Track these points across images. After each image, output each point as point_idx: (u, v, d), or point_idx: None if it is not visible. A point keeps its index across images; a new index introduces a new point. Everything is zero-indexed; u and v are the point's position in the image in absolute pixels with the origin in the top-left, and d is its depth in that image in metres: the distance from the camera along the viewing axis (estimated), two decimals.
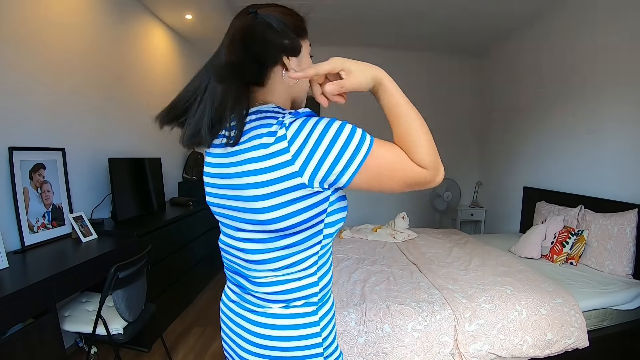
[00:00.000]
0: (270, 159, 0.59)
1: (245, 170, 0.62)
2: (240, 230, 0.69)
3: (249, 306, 0.72)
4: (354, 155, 0.59)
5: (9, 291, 1.26)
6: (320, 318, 0.71)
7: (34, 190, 1.87)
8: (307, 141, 0.57)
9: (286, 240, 0.65)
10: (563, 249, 2.37)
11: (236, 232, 0.70)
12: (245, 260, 0.69)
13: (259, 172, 0.60)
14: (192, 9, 3.09)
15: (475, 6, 3.10)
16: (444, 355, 1.59)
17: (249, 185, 0.62)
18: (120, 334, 1.62)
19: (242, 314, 0.73)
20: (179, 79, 3.71)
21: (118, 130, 2.70)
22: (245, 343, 0.71)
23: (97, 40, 2.42)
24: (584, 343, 1.69)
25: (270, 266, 0.67)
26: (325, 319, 0.72)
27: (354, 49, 4.42)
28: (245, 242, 0.68)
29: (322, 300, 0.72)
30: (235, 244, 0.71)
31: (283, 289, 0.68)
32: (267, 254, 0.66)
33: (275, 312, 0.69)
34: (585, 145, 2.70)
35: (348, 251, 2.58)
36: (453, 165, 4.60)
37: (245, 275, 0.71)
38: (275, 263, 0.66)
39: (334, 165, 0.58)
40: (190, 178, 3.77)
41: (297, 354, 0.68)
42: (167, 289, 2.49)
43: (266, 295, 0.69)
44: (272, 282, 0.68)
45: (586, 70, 2.69)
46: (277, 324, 0.69)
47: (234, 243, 0.71)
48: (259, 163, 0.60)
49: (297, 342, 0.68)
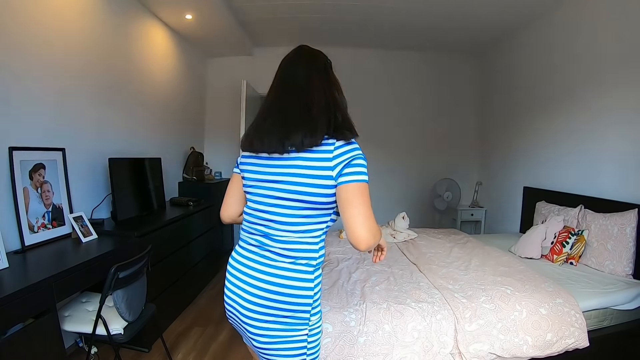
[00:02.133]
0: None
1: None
2: (279, 199, 0.93)
3: (264, 260, 0.96)
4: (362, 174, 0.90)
5: (9, 291, 1.26)
6: (314, 278, 0.96)
7: (34, 190, 1.87)
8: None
9: (309, 211, 0.92)
10: (563, 249, 2.37)
11: (275, 200, 0.94)
12: (273, 221, 0.94)
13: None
14: (192, 9, 3.08)
15: (475, 6, 3.10)
16: (444, 355, 1.59)
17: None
18: (120, 334, 1.62)
19: (257, 267, 0.96)
20: (179, 79, 3.72)
21: (118, 130, 2.70)
22: (255, 289, 0.95)
23: (97, 41, 2.42)
24: (584, 343, 1.69)
25: (291, 227, 0.93)
26: (317, 281, 0.97)
27: (354, 49, 4.42)
28: (280, 207, 0.93)
29: (317, 266, 0.97)
30: (268, 209, 0.95)
31: (294, 248, 0.93)
32: (292, 219, 0.92)
33: (284, 266, 0.94)
34: (586, 145, 2.70)
35: (348, 251, 2.58)
36: (453, 165, 4.60)
37: (267, 234, 0.96)
38: (295, 226, 0.93)
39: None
40: (190, 178, 3.77)
41: (293, 301, 0.92)
42: (167, 289, 2.49)
43: (281, 250, 0.94)
44: (288, 241, 0.94)
45: (586, 70, 2.69)
46: (284, 275, 0.93)
47: (267, 209, 0.95)
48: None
49: (296, 291, 0.93)
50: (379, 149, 4.56)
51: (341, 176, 0.87)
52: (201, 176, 3.83)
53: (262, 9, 3.31)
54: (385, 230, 3.01)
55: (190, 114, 4.10)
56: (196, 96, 4.24)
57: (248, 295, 0.95)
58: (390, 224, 3.09)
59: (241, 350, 2.24)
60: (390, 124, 4.56)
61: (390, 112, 4.55)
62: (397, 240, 2.88)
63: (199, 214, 3.10)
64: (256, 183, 0.98)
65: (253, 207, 1.00)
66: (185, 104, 3.92)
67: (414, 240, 2.89)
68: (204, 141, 4.53)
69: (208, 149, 4.52)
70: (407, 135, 4.58)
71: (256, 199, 0.99)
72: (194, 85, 4.12)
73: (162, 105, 3.39)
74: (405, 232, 2.99)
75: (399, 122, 4.57)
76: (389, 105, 4.54)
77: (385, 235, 2.93)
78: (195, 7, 3.05)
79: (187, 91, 3.94)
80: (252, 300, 0.94)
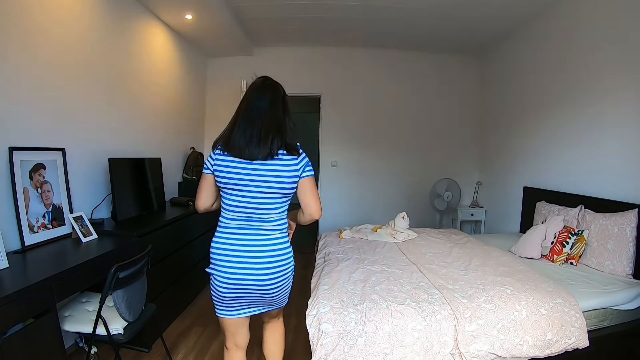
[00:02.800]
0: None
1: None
2: (265, 191, 1.31)
3: (260, 236, 1.34)
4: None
5: (9, 291, 1.26)
6: (286, 235, 1.41)
7: (34, 190, 1.87)
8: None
9: (283, 198, 1.35)
10: (563, 249, 2.37)
11: (261, 192, 1.31)
12: (262, 208, 1.32)
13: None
14: (192, 9, 3.09)
15: (475, 6, 3.10)
16: (444, 355, 1.59)
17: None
18: (120, 334, 1.62)
19: (256, 242, 1.33)
20: (179, 79, 3.72)
21: (118, 130, 2.70)
22: (261, 257, 1.33)
23: (97, 41, 2.42)
24: (584, 343, 1.69)
25: (275, 210, 1.35)
26: (287, 237, 1.43)
27: (354, 50, 4.42)
28: (266, 199, 1.32)
29: (286, 229, 1.42)
30: (256, 201, 1.31)
31: (277, 223, 1.37)
32: (274, 204, 1.34)
33: (274, 235, 1.36)
34: (586, 145, 2.70)
35: (348, 251, 2.58)
36: (453, 165, 4.61)
37: (258, 218, 1.34)
38: (276, 209, 1.35)
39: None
40: (190, 178, 3.77)
41: (284, 258, 1.37)
42: (167, 289, 2.49)
43: (271, 225, 1.36)
44: (273, 220, 1.36)
45: (586, 70, 2.69)
46: (277, 242, 1.36)
47: (255, 201, 1.31)
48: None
49: (284, 251, 1.38)
50: (379, 149, 4.57)
51: (303, 172, 1.34)
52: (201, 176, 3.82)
53: (262, 9, 3.31)
54: (385, 230, 3.00)
55: (190, 114, 4.10)
56: (196, 96, 4.24)
57: (258, 263, 1.32)
58: (390, 224, 3.09)
59: None
60: (390, 124, 4.56)
61: (390, 111, 4.55)
62: (397, 240, 2.88)
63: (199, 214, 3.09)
64: (242, 182, 1.30)
65: (240, 200, 1.32)
66: (185, 104, 3.92)
67: (414, 240, 2.89)
68: (204, 141, 4.53)
69: (208, 149, 4.51)
70: (407, 135, 4.58)
71: (243, 193, 1.31)
72: (194, 85, 4.12)
73: (162, 105, 3.39)
74: (405, 232, 2.99)
75: (399, 121, 4.57)
76: (389, 105, 4.54)
77: (385, 235, 2.93)
78: (195, 7, 3.05)
79: (187, 91, 3.95)
80: (262, 265, 1.32)
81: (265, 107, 1.32)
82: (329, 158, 4.58)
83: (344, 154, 4.57)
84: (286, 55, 4.42)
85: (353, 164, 4.58)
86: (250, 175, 1.29)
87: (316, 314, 1.65)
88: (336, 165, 4.59)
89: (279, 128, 1.31)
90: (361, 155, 4.57)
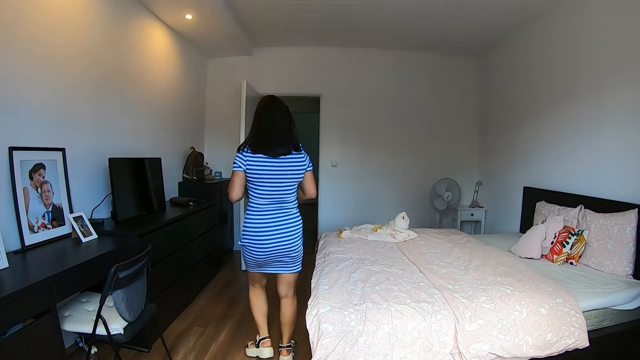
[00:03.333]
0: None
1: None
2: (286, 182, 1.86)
3: (286, 213, 1.90)
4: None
5: (9, 291, 1.26)
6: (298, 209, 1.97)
7: (34, 190, 1.87)
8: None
9: (295, 185, 1.92)
10: (563, 249, 2.37)
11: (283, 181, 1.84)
12: (285, 192, 1.87)
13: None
14: (192, 9, 3.09)
15: (475, 6, 3.11)
16: (444, 355, 1.59)
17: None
18: (120, 334, 1.62)
19: (283, 217, 1.89)
20: (179, 79, 3.72)
21: (118, 130, 2.70)
22: (287, 227, 1.90)
23: (97, 41, 2.42)
24: (584, 343, 1.69)
25: (291, 194, 1.91)
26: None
27: (354, 50, 4.42)
28: (287, 185, 1.86)
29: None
30: (281, 187, 1.85)
31: (293, 203, 1.94)
32: (292, 189, 1.91)
33: (293, 212, 1.94)
34: (586, 145, 2.70)
35: (348, 251, 2.58)
36: (453, 165, 4.61)
37: (282, 201, 1.88)
38: (292, 194, 1.92)
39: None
40: (190, 178, 3.77)
41: (298, 221, 1.96)
42: (167, 289, 2.49)
43: (290, 205, 1.92)
44: (291, 200, 1.92)
45: (587, 71, 2.69)
46: (294, 215, 1.94)
47: (280, 187, 1.85)
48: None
49: (298, 217, 1.97)
50: (379, 149, 4.57)
51: (307, 167, 1.91)
52: (201, 176, 3.83)
53: (262, 9, 3.31)
54: (385, 230, 3.00)
55: (190, 113, 4.10)
56: (196, 96, 4.24)
57: (287, 230, 1.89)
58: (390, 224, 3.09)
59: (241, 351, 2.24)
60: (390, 124, 4.56)
61: (390, 111, 4.55)
62: (397, 240, 2.88)
63: (199, 214, 3.10)
64: (270, 174, 1.81)
65: (269, 187, 1.83)
66: (185, 104, 3.92)
67: (414, 240, 2.89)
68: (204, 141, 4.53)
69: (208, 148, 4.53)
70: (407, 135, 4.58)
71: (272, 182, 1.83)
72: (193, 85, 4.12)
73: (162, 105, 3.39)
74: (405, 232, 2.99)
75: (399, 121, 4.57)
76: (389, 105, 4.54)
77: (385, 235, 2.93)
78: (195, 7, 3.05)
79: (187, 91, 3.94)
80: (289, 231, 1.90)
81: (277, 118, 1.84)
82: (329, 158, 4.58)
83: (344, 154, 4.57)
84: (286, 55, 4.42)
85: (353, 164, 4.58)
86: (276, 168, 1.81)
87: (316, 314, 1.65)
88: (336, 165, 4.59)
89: (290, 133, 1.86)
90: (361, 155, 4.57)
